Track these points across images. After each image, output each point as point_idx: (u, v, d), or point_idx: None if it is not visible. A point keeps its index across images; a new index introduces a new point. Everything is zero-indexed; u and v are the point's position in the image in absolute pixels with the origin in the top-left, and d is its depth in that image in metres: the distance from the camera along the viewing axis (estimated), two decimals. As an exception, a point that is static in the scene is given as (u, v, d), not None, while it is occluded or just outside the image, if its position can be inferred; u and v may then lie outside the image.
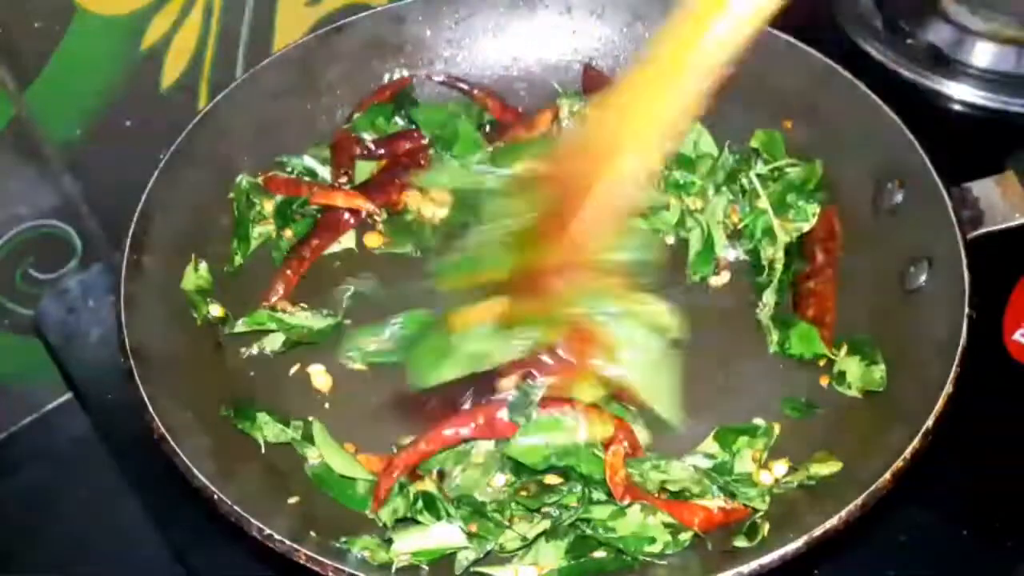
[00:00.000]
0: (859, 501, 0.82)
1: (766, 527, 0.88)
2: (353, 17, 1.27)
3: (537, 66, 1.34)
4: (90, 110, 1.28)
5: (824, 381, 1.04)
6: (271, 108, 1.23)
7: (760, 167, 1.18)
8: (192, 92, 1.36)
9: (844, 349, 1.04)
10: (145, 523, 1.16)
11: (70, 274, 1.39)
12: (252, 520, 0.83)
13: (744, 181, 1.18)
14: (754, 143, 1.20)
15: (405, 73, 1.31)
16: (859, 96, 1.14)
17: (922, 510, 1.06)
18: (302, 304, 1.12)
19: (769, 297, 1.09)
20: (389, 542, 0.89)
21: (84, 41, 1.21)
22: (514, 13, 1.32)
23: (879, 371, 1.00)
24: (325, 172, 1.23)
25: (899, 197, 1.09)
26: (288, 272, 1.13)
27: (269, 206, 1.18)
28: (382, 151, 1.24)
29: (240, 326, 1.07)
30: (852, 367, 1.02)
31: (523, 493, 0.93)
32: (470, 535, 0.89)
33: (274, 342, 1.08)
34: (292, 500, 0.95)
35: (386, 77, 1.31)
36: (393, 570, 0.87)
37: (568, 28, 1.33)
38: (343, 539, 0.90)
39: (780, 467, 0.95)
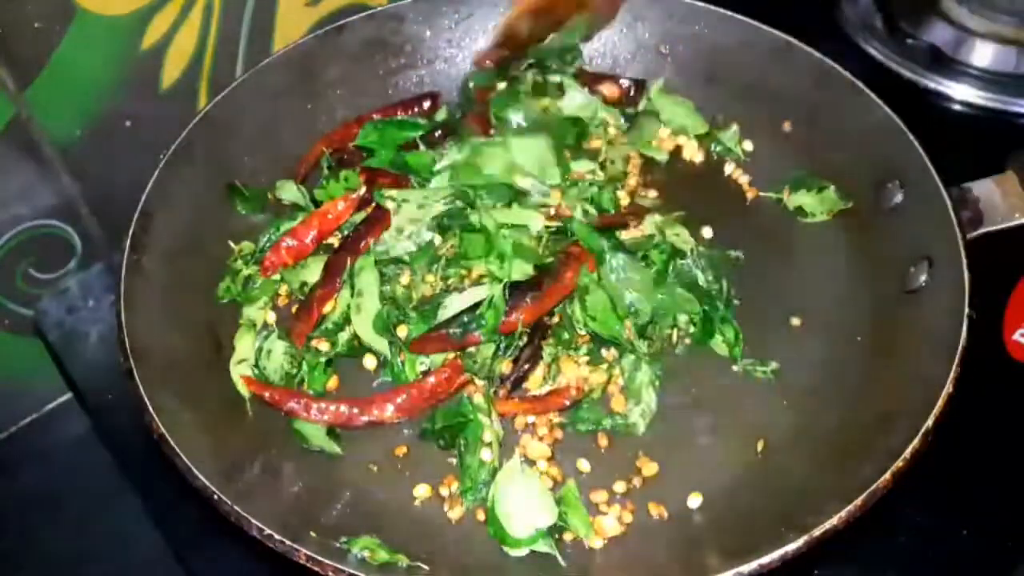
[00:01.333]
0: (859, 501, 0.82)
1: None
2: (353, 17, 1.27)
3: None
4: (90, 110, 1.27)
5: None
6: (271, 108, 1.23)
7: None
8: (192, 92, 1.36)
9: (787, 190, 1.19)
10: (145, 523, 1.16)
11: (70, 274, 1.39)
12: (252, 520, 0.83)
13: None
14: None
15: (407, 73, 1.32)
16: (859, 96, 1.14)
17: (922, 510, 1.06)
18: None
19: None
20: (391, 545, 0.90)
21: (84, 41, 1.21)
22: (514, 13, 1.32)
23: (831, 193, 1.16)
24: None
25: (899, 197, 1.09)
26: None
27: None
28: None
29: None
30: (806, 200, 1.16)
31: None
32: None
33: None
34: (292, 499, 0.94)
35: (387, 78, 1.31)
36: (401, 567, 0.88)
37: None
38: (343, 539, 0.90)
39: None
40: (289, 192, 1.19)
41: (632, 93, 1.27)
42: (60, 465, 1.50)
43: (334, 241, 1.16)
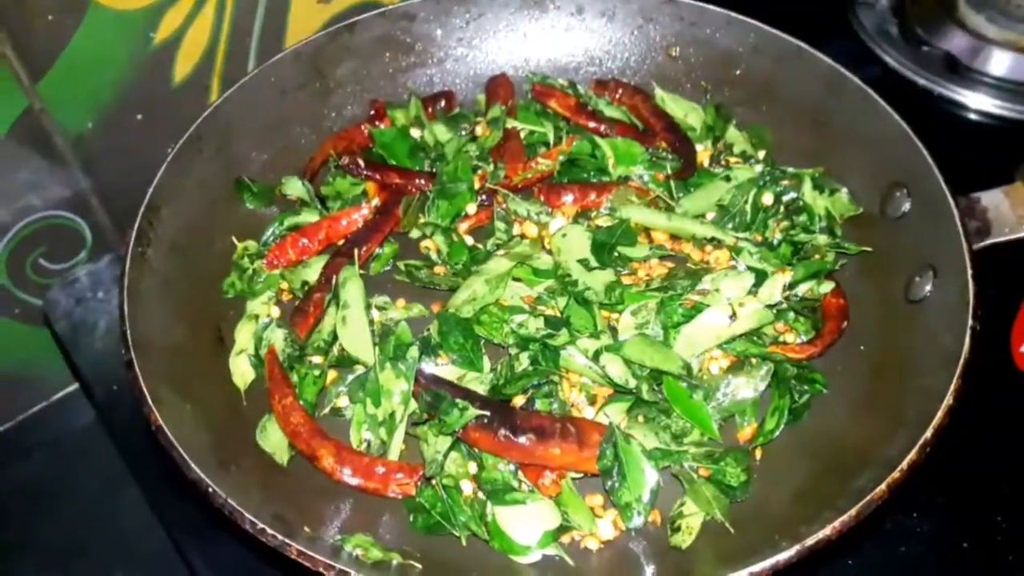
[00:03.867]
0: (853, 512, 0.81)
1: None
2: (364, 15, 1.27)
3: (548, 67, 1.34)
4: (102, 104, 1.29)
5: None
6: (281, 104, 1.23)
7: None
8: (204, 87, 1.37)
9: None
10: (148, 513, 1.17)
11: (80, 265, 1.41)
12: (245, 514, 0.83)
13: None
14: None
15: (417, 72, 1.33)
16: (868, 102, 1.13)
17: (923, 521, 1.05)
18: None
19: None
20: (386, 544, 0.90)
21: (96, 35, 1.22)
22: (525, 13, 1.32)
23: (842, 196, 1.15)
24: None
25: (906, 205, 1.08)
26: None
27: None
28: (372, 175, 1.21)
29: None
30: (819, 201, 1.14)
31: None
32: None
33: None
34: (288, 495, 0.95)
35: (397, 76, 1.32)
36: (393, 566, 0.88)
37: (579, 29, 1.33)
38: (337, 536, 0.90)
39: None
40: (294, 188, 1.20)
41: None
42: (68, 453, 1.52)
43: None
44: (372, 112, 1.28)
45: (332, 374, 1.06)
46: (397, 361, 1.00)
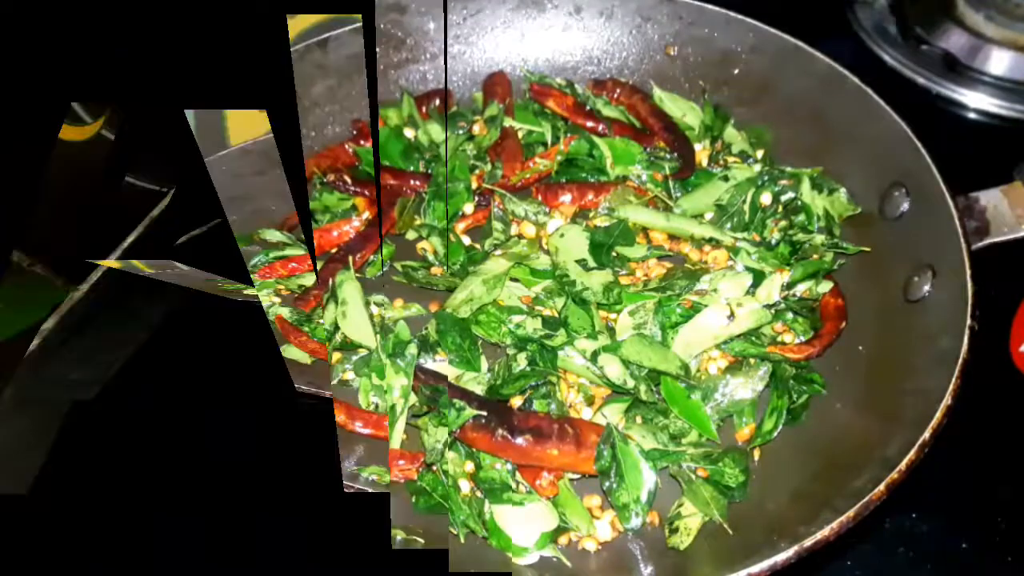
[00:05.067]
0: (851, 513, 0.81)
1: None
2: (338, 31, 1.23)
3: (546, 66, 1.34)
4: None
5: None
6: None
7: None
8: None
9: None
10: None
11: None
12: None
13: None
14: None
15: (409, 68, 1.32)
16: (867, 101, 1.13)
17: (923, 521, 1.05)
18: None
19: None
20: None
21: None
22: (523, 12, 1.32)
23: (841, 196, 1.14)
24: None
25: (905, 205, 1.08)
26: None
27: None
28: (360, 191, 1.19)
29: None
30: (817, 200, 1.13)
31: None
32: None
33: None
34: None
35: (388, 72, 1.31)
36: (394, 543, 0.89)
37: (577, 28, 1.33)
38: (355, 466, 0.94)
39: None
40: (273, 236, 1.17)
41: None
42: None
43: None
44: (355, 132, 1.26)
45: (337, 355, 1.06)
46: (396, 357, 1.00)
